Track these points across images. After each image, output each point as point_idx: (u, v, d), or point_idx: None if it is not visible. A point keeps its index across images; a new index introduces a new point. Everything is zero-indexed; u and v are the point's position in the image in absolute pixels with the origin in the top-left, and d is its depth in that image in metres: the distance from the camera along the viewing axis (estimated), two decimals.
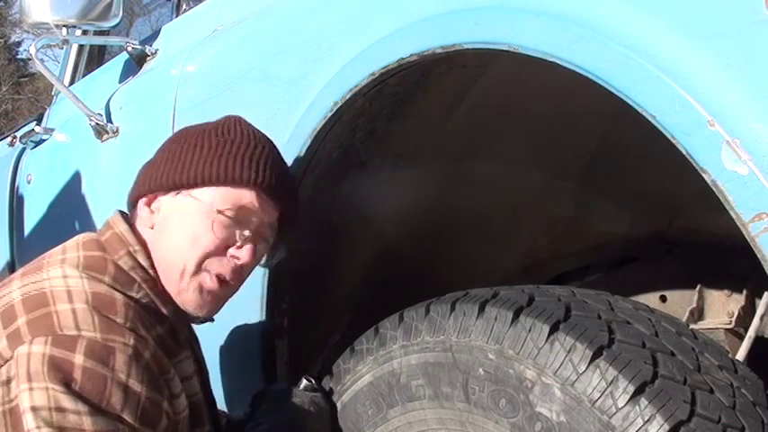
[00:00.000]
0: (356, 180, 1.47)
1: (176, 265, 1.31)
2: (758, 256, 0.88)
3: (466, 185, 1.52)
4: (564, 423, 1.08)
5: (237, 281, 1.36)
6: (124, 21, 2.20)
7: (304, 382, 1.43)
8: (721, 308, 1.52)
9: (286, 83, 1.49)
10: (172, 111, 1.78)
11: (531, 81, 1.30)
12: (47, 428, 1.11)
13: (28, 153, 2.50)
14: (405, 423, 1.30)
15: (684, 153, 0.91)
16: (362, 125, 1.40)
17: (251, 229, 1.33)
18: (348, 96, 1.31)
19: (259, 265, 1.41)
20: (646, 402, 1.02)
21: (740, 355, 1.29)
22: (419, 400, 1.27)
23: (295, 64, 1.47)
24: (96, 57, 2.60)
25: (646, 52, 0.94)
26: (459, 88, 1.38)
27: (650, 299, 1.61)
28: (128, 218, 1.37)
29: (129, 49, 2.05)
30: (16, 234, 2.47)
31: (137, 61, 2.05)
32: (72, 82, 2.55)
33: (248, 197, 1.32)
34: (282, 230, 1.39)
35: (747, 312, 1.47)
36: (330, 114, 1.34)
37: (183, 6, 2.18)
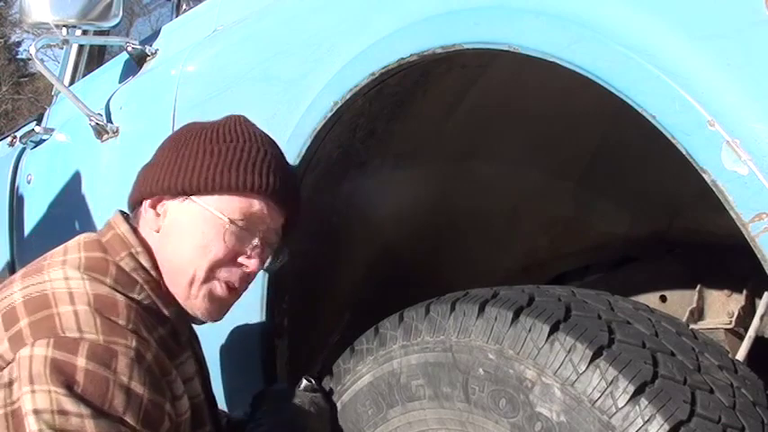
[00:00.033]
0: (356, 180, 1.47)
1: (185, 272, 1.31)
2: (758, 256, 0.88)
3: (466, 185, 1.51)
4: (564, 423, 1.08)
5: (245, 287, 1.37)
6: (124, 21, 2.20)
7: (304, 382, 1.43)
8: (721, 308, 1.52)
9: (286, 83, 1.49)
10: (172, 111, 1.78)
11: (531, 81, 1.29)
12: (49, 431, 1.10)
13: (28, 153, 2.50)
14: (405, 423, 1.30)
15: (684, 153, 0.91)
16: (362, 125, 1.40)
17: (259, 236, 1.33)
18: (348, 96, 1.31)
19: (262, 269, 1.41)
20: (646, 402, 1.02)
21: (740, 355, 1.29)
22: (419, 400, 1.27)
23: (295, 64, 1.47)
24: (96, 57, 2.60)
25: (646, 52, 0.94)
26: (459, 88, 1.38)
27: (650, 299, 1.61)
28: (129, 218, 1.37)
29: (129, 49, 2.05)
30: (16, 234, 2.47)
31: (137, 61, 2.05)
32: (72, 82, 2.55)
33: (257, 205, 1.32)
34: (286, 234, 1.40)
35: (747, 312, 1.47)
36: (330, 114, 1.34)
37: (183, 6, 2.17)
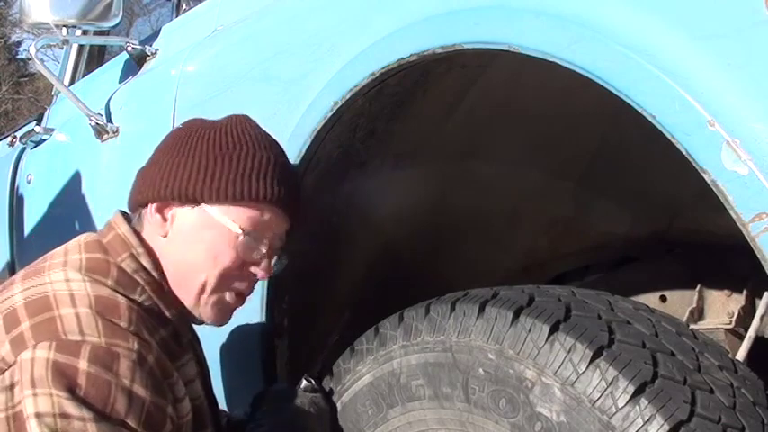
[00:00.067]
0: (356, 180, 1.47)
1: (195, 280, 1.32)
2: (758, 256, 0.88)
3: (466, 185, 1.51)
4: (564, 423, 1.08)
5: (251, 292, 1.39)
6: (124, 21, 2.20)
7: (304, 382, 1.43)
8: (721, 308, 1.52)
9: (286, 83, 1.49)
10: (172, 111, 1.78)
11: (531, 81, 1.29)
12: None
13: (28, 153, 2.50)
14: (405, 423, 1.30)
15: (684, 153, 0.91)
16: (362, 125, 1.40)
17: (267, 243, 1.34)
18: (348, 96, 1.31)
19: None
20: (646, 402, 1.02)
21: (740, 355, 1.29)
22: (419, 400, 1.27)
23: (295, 64, 1.47)
24: (96, 57, 2.60)
25: (646, 52, 0.94)
26: (459, 88, 1.38)
27: (650, 299, 1.61)
28: (129, 218, 1.37)
29: (129, 49, 2.05)
30: (16, 234, 2.47)
31: (137, 61, 2.05)
32: (72, 82, 2.55)
33: (267, 214, 1.33)
34: (288, 237, 1.40)
35: (747, 312, 1.47)
36: (330, 114, 1.34)
37: (183, 6, 2.17)
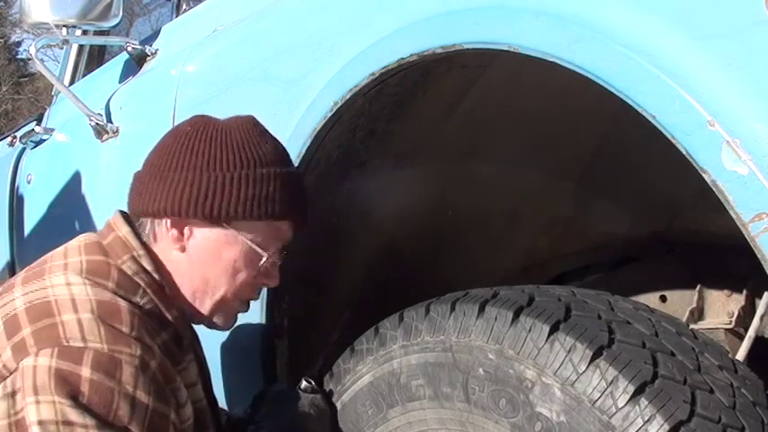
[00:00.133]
0: (356, 180, 1.47)
1: (214, 295, 1.35)
2: (758, 256, 0.88)
3: (466, 185, 1.51)
4: (564, 423, 1.08)
5: (258, 298, 1.43)
6: (124, 21, 2.20)
7: (304, 383, 1.43)
8: (721, 308, 1.52)
9: (286, 83, 1.49)
10: (172, 111, 1.78)
11: (531, 81, 1.29)
12: None
13: (28, 153, 2.50)
14: (405, 423, 1.30)
15: (684, 153, 0.91)
16: (362, 125, 1.40)
17: (279, 254, 1.36)
18: (348, 96, 1.31)
19: None
20: (646, 402, 1.02)
21: (740, 355, 1.28)
22: (419, 400, 1.27)
23: (295, 64, 1.47)
24: (96, 57, 2.60)
25: (646, 52, 0.94)
26: (459, 88, 1.38)
27: (650, 299, 1.61)
28: (129, 219, 1.36)
29: (129, 49, 2.05)
30: (16, 234, 2.47)
31: (137, 61, 2.05)
32: (72, 82, 2.55)
33: (285, 228, 1.36)
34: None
35: (747, 312, 1.47)
36: (330, 114, 1.34)
37: (183, 6, 2.17)
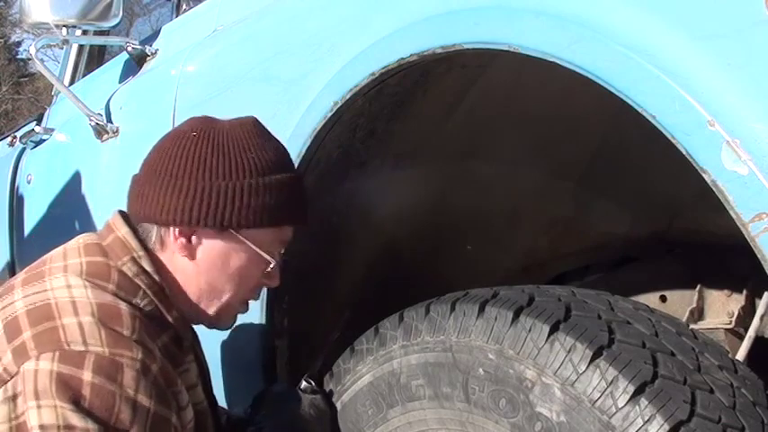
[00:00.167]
0: (356, 180, 1.47)
1: (221, 299, 1.36)
2: (758, 256, 0.88)
3: (466, 185, 1.51)
4: (564, 423, 1.08)
5: (258, 299, 1.44)
6: (124, 21, 2.20)
7: (304, 383, 1.43)
8: (721, 308, 1.52)
9: (286, 83, 1.49)
10: (172, 111, 1.78)
11: (531, 81, 1.29)
12: None
13: (28, 153, 2.50)
14: (405, 423, 1.30)
15: (684, 153, 0.91)
16: (362, 125, 1.40)
17: (281, 255, 1.37)
18: (348, 96, 1.31)
19: None
20: (646, 402, 1.02)
21: (740, 355, 1.28)
22: (419, 400, 1.27)
23: (295, 64, 1.47)
24: (96, 57, 2.60)
25: (646, 52, 0.94)
26: (459, 88, 1.38)
27: (650, 299, 1.61)
28: (129, 219, 1.35)
29: (129, 49, 2.05)
30: (16, 234, 2.47)
31: (137, 61, 2.05)
32: (72, 82, 2.55)
33: (288, 231, 1.37)
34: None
35: (747, 312, 1.47)
36: (330, 114, 1.34)
37: (183, 6, 2.17)
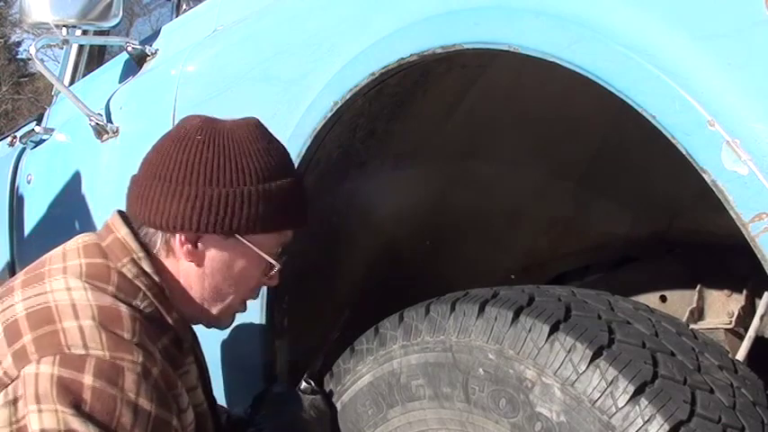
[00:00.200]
0: (356, 180, 1.47)
1: (224, 301, 1.37)
2: (758, 256, 0.88)
3: (466, 185, 1.51)
4: (564, 423, 1.08)
5: (257, 298, 1.45)
6: (124, 21, 2.20)
7: (304, 384, 1.43)
8: (721, 308, 1.52)
9: (286, 83, 1.49)
10: (172, 111, 1.78)
11: (531, 81, 1.29)
12: None
13: (28, 153, 2.50)
14: (405, 423, 1.30)
15: (684, 153, 0.91)
16: (362, 125, 1.40)
17: (281, 256, 1.38)
18: (348, 96, 1.31)
19: None
20: (646, 402, 1.02)
21: (740, 355, 1.28)
22: (419, 400, 1.27)
23: (295, 64, 1.47)
24: (96, 57, 2.60)
25: (646, 52, 0.94)
26: (459, 88, 1.38)
27: (650, 299, 1.61)
28: (128, 220, 1.34)
29: (129, 49, 2.05)
30: (16, 234, 2.47)
31: (137, 61, 2.05)
32: (72, 82, 2.55)
33: (290, 234, 1.38)
34: None
35: (747, 312, 1.47)
36: (330, 114, 1.34)
37: (183, 6, 2.17)
